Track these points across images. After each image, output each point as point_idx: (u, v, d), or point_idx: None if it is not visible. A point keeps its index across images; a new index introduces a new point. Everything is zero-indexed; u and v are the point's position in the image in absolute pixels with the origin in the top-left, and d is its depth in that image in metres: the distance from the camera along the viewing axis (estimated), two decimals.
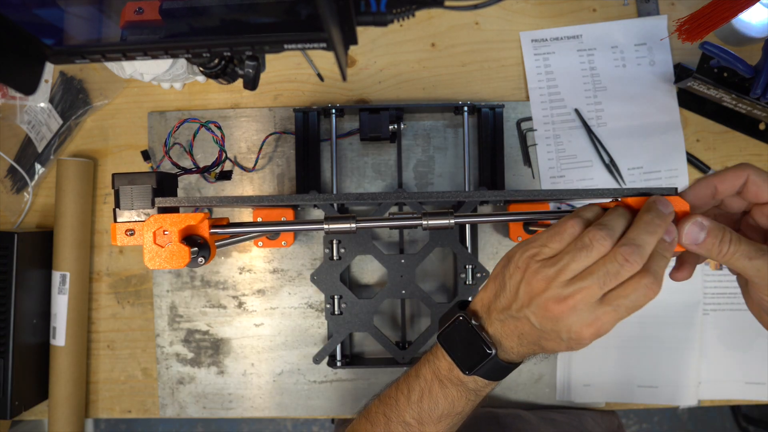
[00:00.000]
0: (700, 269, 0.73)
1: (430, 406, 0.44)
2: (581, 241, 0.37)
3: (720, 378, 0.73)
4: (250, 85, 0.33)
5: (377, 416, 0.47)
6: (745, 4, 0.64)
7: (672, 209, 0.38)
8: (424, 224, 0.44)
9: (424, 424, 0.45)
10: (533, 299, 0.38)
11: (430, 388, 0.44)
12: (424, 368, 0.45)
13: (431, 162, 0.74)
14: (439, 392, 0.44)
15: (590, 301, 0.36)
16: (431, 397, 0.44)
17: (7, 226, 0.76)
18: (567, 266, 0.37)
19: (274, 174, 0.75)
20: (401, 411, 0.45)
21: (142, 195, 0.43)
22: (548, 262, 0.38)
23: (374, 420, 0.47)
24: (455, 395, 0.44)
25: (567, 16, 0.75)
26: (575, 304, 0.36)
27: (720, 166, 0.75)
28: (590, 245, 0.37)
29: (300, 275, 0.74)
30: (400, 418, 0.45)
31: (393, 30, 0.75)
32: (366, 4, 0.28)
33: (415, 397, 0.45)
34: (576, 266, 0.37)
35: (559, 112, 0.74)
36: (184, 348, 0.74)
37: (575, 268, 0.37)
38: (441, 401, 0.44)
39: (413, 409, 0.45)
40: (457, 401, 0.44)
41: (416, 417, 0.45)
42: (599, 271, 0.36)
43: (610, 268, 0.36)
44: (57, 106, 0.74)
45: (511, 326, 0.40)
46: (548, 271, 0.37)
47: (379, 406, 0.47)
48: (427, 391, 0.44)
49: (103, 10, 0.29)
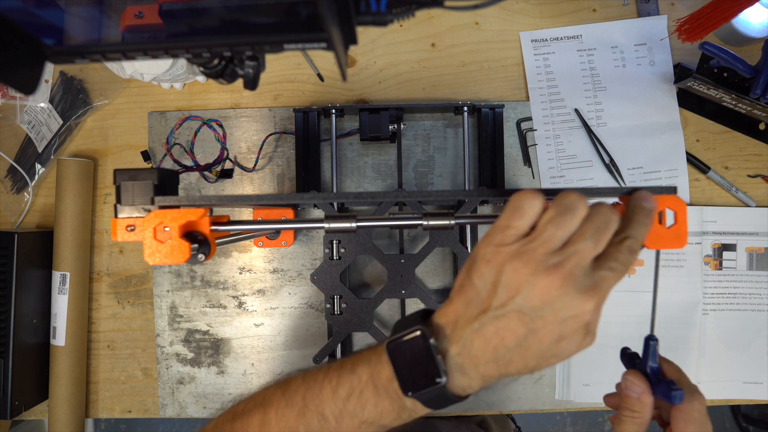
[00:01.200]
0: (700, 269, 0.73)
1: (356, 408, 0.39)
2: (562, 205, 0.34)
3: (719, 378, 0.73)
4: (250, 85, 0.33)
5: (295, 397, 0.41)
6: (745, 4, 0.64)
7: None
8: (424, 224, 0.44)
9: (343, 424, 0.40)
10: (522, 285, 0.34)
11: (362, 390, 0.39)
12: (362, 366, 0.39)
13: (431, 162, 0.74)
14: (370, 398, 0.39)
15: (585, 264, 0.34)
16: (360, 400, 0.39)
17: (7, 226, 0.76)
18: (552, 235, 0.34)
19: (274, 174, 0.75)
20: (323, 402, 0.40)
21: (144, 191, 0.43)
22: (526, 239, 0.34)
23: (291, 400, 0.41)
24: (387, 407, 0.39)
25: (567, 16, 0.75)
26: (571, 270, 0.33)
27: (720, 166, 0.75)
28: (572, 207, 0.34)
29: (300, 275, 0.74)
30: (319, 409, 0.40)
31: (393, 30, 0.76)
32: (366, 4, 0.28)
33: (342, 393, 0.39)
34: (562, 233, 0.34)
35: (559, 112, 0.74)
36: (185, 348, 0.74)
37: (561, 236, 0.34)
38: (369, 408, 0.39)
39: (336, 405, 0.39)
40: (386, 414, 0.39)
41: (336, 414, 0.39)
42: (589, 230, 0.34)
43: (599, 222, 0.34)
44: (57, 106, 0.74)
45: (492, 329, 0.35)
46: (531, 247, 0.34)
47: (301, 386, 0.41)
48: (358, 393, 0.39)
49: (103, 10, 0.29)
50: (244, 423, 0.43)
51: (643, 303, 0.73)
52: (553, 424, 1.61)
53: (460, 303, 0.37)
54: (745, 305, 0.74)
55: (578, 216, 0.34)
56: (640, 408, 0.40)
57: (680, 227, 0.40)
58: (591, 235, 0.34)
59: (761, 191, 0.75)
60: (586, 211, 0.35)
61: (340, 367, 0.41)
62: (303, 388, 0.41)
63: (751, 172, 0.75)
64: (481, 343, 0.35)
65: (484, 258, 0.35)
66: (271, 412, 0.42)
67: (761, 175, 0.75)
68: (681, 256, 0.73)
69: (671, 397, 0.39)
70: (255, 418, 0.42)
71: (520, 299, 0.34)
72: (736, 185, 0.74)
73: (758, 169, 0.75)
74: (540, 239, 0.34)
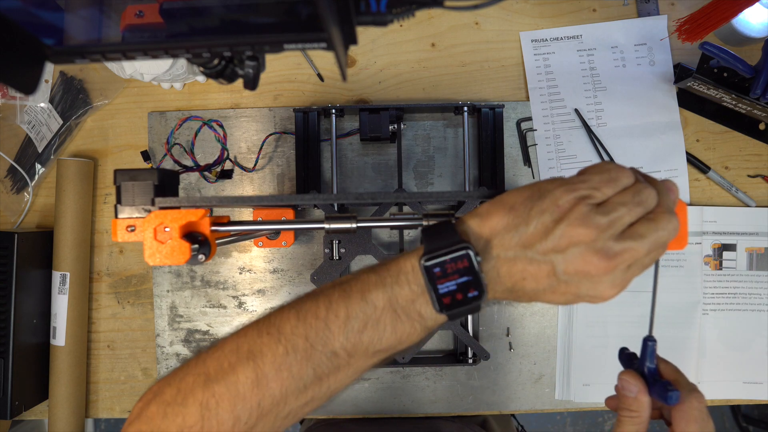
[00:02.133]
0: (700, 269, 0.73)
1: (372, 338, 0.36)
2: (639, 196, 0.35)
3: (719, 378, 0.73)
4: (250, 85, 0.33)
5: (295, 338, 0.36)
6: (745, 4, 0.64)
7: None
8: (424, 224, 0.44)
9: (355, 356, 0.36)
10: (573, 246, 0.34)
11: (378, 318, 0.36)
12: (375, 293, 0.36)
13: (431, 162, 0.74)
14: (388, 324, 0.36)
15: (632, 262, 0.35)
16: (377, 329, 0.36)
17: (7, 226, 0.76)
18: (621, 218, 0.34)
19: (274, 174, 0.75)
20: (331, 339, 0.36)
21: (144, 191, 0.43)
22: (600, 209, 0.34)
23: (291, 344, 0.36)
24: (407, 330, 0.36)
25: (567, 16, 0.75)
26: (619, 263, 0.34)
27: (720, 166, 0.75)
28: (646, 202, 0.35)
29: (300, 275, 0.74)
30: (328, 347, 0.36)
31: (393, 30, 0.76)
32: (366, 4, 0.28)
33: (356, 325, 0.36)
34: (629, 220, 0.34)
35: (559, 112, 0.74)
36: (185, 348, 0.74)
37: (627, 222, 0.34)
38: (388, 335, 0.36)
39: (349, 339, 0.36)
40: (406, 337, 0.37)
41: (349, 349, 0.36)
42: (650, 236, 0.34)
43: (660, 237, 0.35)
44: (57, 106, 0.74)
45: (520, 267, 0.35)
46: (600, 220, 0.34)
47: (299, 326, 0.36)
48: (374, 322, 0.36)
49: (104, 10, 0.29)
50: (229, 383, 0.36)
51: (643, 303, 0.73)
52: (553, 424, 1.61)
53: (505, 222, 0.36)
54: (745, 305, 0.74)
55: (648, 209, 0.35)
56: (638, 407, 0.40)
57: (680, 228, 0.40)
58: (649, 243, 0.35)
59: (761, 191, 0.75)
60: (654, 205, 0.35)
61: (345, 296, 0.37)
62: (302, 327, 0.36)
63: (751, 172, 0.75)
64: (506, 271, 0.36)
65: (556, 201, 0.35)
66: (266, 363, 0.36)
67: (761, 175, 0.75)
68: (681, 256, 0.73)
69: (667, 397, 0.39)
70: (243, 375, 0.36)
71: (561, 259, 0.34)
72: (736, 185, 0.74)
73: (758, 169, 0.75)
74: (610, 217, 0.34)
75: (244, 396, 0.35)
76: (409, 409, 0.74)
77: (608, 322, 0.73)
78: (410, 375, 0.74)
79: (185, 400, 0.36)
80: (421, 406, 0.74)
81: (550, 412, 0.98)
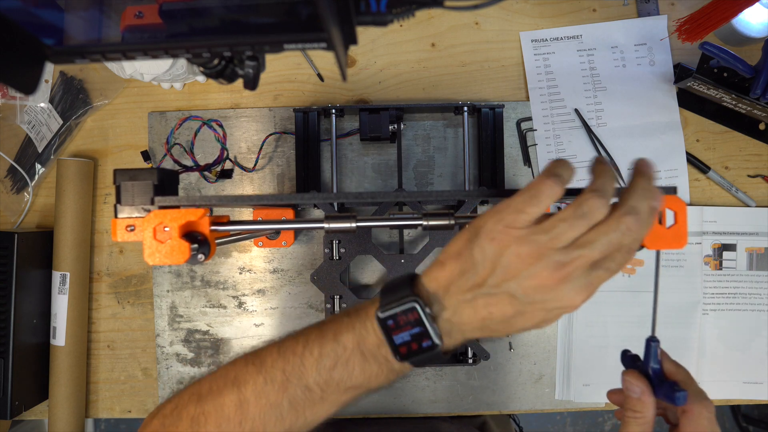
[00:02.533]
0: (700, 269, 0.73)
1: (342, 376, 0.39)
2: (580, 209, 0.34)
3: (719, 378, 0.73)
4: (250, 85, 0.33)
5: (273, 372, 0.40)
6: (745, 4, 0.64)
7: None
8: (424, 224, 0.44)
9: (328, 392, 0.39)
10: (520, 271, 0.34)
11: (348, 358, 0.39)
12: (346, 335, 0.39)
13: (431, 162, 0.74)
14: (357, 365, 0.39)
15: (586, 267, 0.34)
16: (347, 368, 0.39)
17: (7, 226, 0.76)
18: (563, 234, 0.34)
19: (274, 174, 0.75)
20: (306, 374, 0.39)
21: (144, 191, 0.43)
22: (537, 229, 0.35)
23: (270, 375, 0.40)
24: (375, 371, 0.39)
25: (567, 16, 0.75)
26: (573, 271, 0.34)
27: (720, 166, 0.75)
28: (590, 214, 0.34)
29: (300, 275, 0.74)
30: (303, 381, 0.39)
31: (393, 30, 0.76)
32: (366, 4, 0.28)
33: (327, 363, 0.39)
34: (573, 235, 0.34)
35: (559, 112, 0.74)
36: (185, 348, 0.74)
37: (572, 236, 0.34)
38: (357, 374, 0.39)
39: (321, 375, 0.39)
40: (375, 378, 0.39)
41: (321, 384, 0.39)
42: (601, 240, 0.34)
43: (613, 238, 0.34)
44: (57, 106, 0.74)
45: (480, 306, 0.36)
46: (540, 239, 0.34)
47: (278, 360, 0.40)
48: (344, 361, 0.39)
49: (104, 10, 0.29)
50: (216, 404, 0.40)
51: (644, 303, 0.73)
52: (553, 424, 1.61)
53: (455, 270, 0.37)
54: (745, 305, 0.74)
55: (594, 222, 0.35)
56: (642, 408, 0.40)
57: (680, 227, 0.40)
58: (600, 246, 0.34)
59: (761, 191, 0.75)
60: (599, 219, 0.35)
61: (320, 336, 0.40)
62: (281, 361, 0.40)
63: (751, 172, 0.75)
64: (470, 312, 0.37)
65: (489, 235, 0.35)
66: (248, 390, 0.40)
67: (761, 175, 0.75)
68: (681, 256, 0.73)
69: (674, 398, 0.39)
70: (229, 398, 0.40)
71: (515, 284, 0.35)
72: (736, 185, 0.74)
73: (758, 169, 0.75)
74: (551, 234, 0.34)
75: (228, 416, 0.40)
76: (409, 409, 0.74)
77: (608, 322, 0.73)
78: (410, 375, 0.74)
79: (180, 414, 0.41)
80: (421, 406, 0.74)
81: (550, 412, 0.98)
